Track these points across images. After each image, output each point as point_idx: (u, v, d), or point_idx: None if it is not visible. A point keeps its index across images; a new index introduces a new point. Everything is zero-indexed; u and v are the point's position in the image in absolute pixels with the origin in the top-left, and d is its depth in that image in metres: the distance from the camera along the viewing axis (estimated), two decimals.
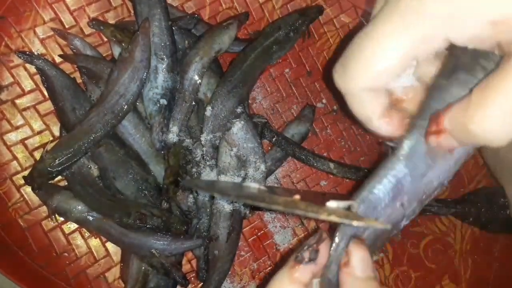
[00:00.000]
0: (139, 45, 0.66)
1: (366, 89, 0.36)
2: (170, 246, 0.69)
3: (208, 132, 0.71)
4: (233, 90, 0.71)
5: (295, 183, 0.81)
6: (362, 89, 0.36)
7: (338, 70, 0.37)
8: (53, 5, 0.71)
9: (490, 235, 0.85)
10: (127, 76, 0.67)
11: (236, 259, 0.77)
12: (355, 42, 0.36)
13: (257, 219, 0.79)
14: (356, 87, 0.36)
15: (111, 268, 0.74)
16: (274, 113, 0.81)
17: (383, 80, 0.35)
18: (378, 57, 0.34)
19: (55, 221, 0.71)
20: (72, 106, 0.69)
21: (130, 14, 0.74)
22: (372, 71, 0.35)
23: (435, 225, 0.85)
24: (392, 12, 0.33)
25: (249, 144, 0.72)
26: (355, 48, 0.36)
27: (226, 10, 0.78)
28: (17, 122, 0.71)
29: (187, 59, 0.71)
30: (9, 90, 0.70)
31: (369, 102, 0.37)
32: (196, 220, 0.73)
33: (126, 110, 0.67)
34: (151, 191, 0.71)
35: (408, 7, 0.32)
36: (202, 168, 0.72)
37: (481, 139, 0.31)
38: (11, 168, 0.71)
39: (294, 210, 0.30)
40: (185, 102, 0.71)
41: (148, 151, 0.72)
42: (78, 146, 0.66)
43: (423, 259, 0.83)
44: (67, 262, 0.72)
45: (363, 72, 0.35)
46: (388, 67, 0.34)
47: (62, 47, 0.72)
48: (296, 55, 0.81)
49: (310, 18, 0.77)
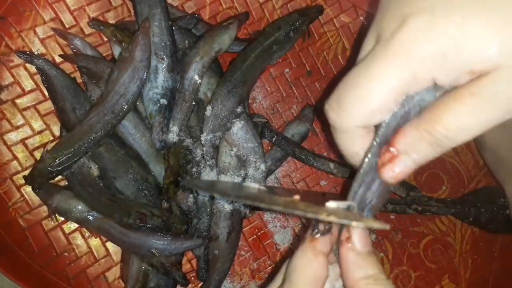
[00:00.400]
0: (139, 45, 0.66)
1: (359, 126, 0.38)
2: (170, 246, 0.69)
3: (208, 132, 0.71)
4: (233, 90, 0.71)
5: (295, 183, 0.81)
6: (356, 126, 0.38)
7: (332, 105, 0.39)
8: (53, 5, 0.71)
9: (490, 235, 0.86)
10: (127, 76, 0.67)
11: (236, 259, 0.77)
12: (349, 79, 0.38)
13: (257, 219, 0.79)
14: (350, 124, 0.39)
15: (111, 268, 0.74)
16: (274, 113, 0.81)
17: (377, 117, 0.38)
18: (372, 96, 0.36)
19: (55, 221, 0.71)
20: (72, 106, 0.69)
21: (130, 14, 0.74)
22: (367, 109, 0.37)
23: (435, 225, 0.85)
24: (384, 52, 0.36)
25: (249, 144, 0.72)
26: (350, 86, 0.38)
27: (226, 10, 0.78)
28: (17, 122, 0.71)
29: (187, 59, 0.71)
30: (9, 90, 0.70)
31: (360, 138, 0.39)
32: (196, 220, 0.73)
33: (126, 110, 0.68)
34: (151, 191, 0.71)
35: (399, 48, 0.35)
36: (202, 168, 0.72)
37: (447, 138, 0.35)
38: (11, 168, 0.71)
39: (294, 210, 0.30)
40: (185, 102, 0.71)
41: (148, 151, 0.72)
42: (78, 146, 0.66)
43: (423, 259, 0.83)
44: (67, 262, 0.72)
45: (358, 110, 0.37)
46: (382, 105, 0.36)
47: (62, 47, 0.72)
48: (296, 55, 0.81)
49: (310, 18, 0.77)
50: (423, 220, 0.84)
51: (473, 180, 0.87)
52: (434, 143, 0.36)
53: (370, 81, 0.36)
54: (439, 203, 0.80)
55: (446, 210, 0.80)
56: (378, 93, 0.36)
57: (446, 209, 0.80)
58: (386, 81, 0.36)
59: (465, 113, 0.35)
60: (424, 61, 0.34)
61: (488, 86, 0.34)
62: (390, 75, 0.35)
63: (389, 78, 0.36)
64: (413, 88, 0.36)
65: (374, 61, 0.37)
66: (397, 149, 0.38)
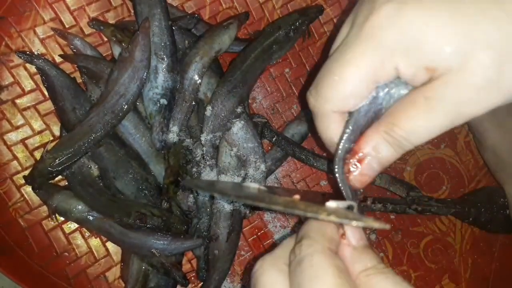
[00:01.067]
0: (139, 45, 0.66)
1: (334, 111, 0.41)
2: (170, 246, 0.69)
3: (208, 132, 0.71)
4: (233, 90, 0.71)
5: (295, 183, 0.81)
6: (331, 110, 0.41)
7: (312, 92, 0.42)
8: (53, 5, 0.71)
9: (490, 235, 0.86)
10: (127, 76, 0.67)
11: (236, 258, 0.77)
12: (325, 67, 0.41)
13: (257, 219, 0.79)
14: (326, 108, 0.41)
15: (112, 268, 0.74)
16: (274, 113, 0.81)
17: (351, 103, 0.40)
18: (345, 81, 0.39)
19: (56, 221, 0.71)
20: (72, 106, 0.69)
21: (130, 14, 0.74)
22: (340, 94, 0.39)
23: (435, 225, 0.85)
24: (355, 38, 0.38)
25: (249, 144, 0.72)
26: (326, 73, 0.40)
27: (226, 10, 0.78)
28: (17, 122, 0.71)
29: (187, 59, 0.71)
30: (9, 90, 0.70)
31: (336, 124, 0.42)
32: (196, 220, 0.73)
33: (126, 110, 0.68)
34: (151, 191, 0.71)
35: (369, 34, 0.37)
36: (202, 168, 0.72)
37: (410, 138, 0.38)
38: (12, 168, 0.71)
39: (294, 210, 0.30)
40: (185, 102, 0.71)
41: (148, 151, 0.72)
42: (78, 146, 0.66)
43: (423, 259, 0.83)
44: (67, 262, 0.72)
45: (333, 95, 0.40)
46: (354, 91, 0.39)
47: (62, 47, 0.72)
48: (296, 55, 0.81)
49: (310, 18, 0.77)
50: (423, 220, 0.84)
51: (473, 180, 0.87)
52: (394, 144, 0.38)
53: (342, 67, 0.38)
54: (439, 203, 0.80)
55: (446, 210, 0.80)
56: (350, 79, 0.38)
57: (446, 209, 0.80)
58: (357, 67, 0.38)
59: (419, 116, 0.37)
60: (389, 49, 0.36)
61: (439, 90, 0.35)
62: (360, 61, 0.37)
63: (359, 64, 0.37)
64: (381, 77, 0.38)
65: (346, 47, 0.39)
66: (362, 153, 0.40)
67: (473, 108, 0.36)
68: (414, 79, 0.37)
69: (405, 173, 0.84)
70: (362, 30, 0.37)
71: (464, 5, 0.34)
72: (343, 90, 0.39)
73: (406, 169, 0.84)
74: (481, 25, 0.34)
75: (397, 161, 0.83)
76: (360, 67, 0.37)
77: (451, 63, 0.34)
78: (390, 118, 0.38)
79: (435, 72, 0.35)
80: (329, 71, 0.40)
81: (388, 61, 0.36)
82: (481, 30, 0.34)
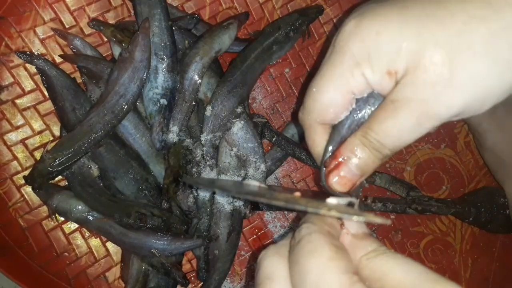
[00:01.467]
0: (139, 45, 0.66)
1: (317, 122, 0.44)
2: (170, 246, 0.69)
3: (208, 132, 0.71)
4: (233, 90, 0.71)
5: (295, 183, 0.81)
6: (314, 121, 0.44)
7: (301, 108, 0.46)
8: (53, 5, 0.71)
9: (490, 235, 0.86)
10: (127, 76, 0.67)
11: (236, 259, 0.77)
12: (309, 87, 0.44)
13: (257, 219, 0.79)
14: (310, 120, 0.45)
15: (112, 268, 0.74)
16: (274, 113, 0.81)
17: (330, 112, 0.43)
18: (322, 93, 0.43)
19: (56, 221, 0.71)
20: (72, 106, 0.69)
21: (130, 14, 0.74)
22: (319, 104, 0.43)
23: (435, 225, 0.85)
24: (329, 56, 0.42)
25: (249, 144, 0.72)
26: (310, 88, 0.44)
27: (226, 10, 0.78)
28: (18, 122, 0.71)
29: (187, 59, 0.71)
30: (9, 90, 0.70)
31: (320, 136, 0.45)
32: (196, 220, 0.73)
33: (126, 110, 0.68)
34: (151, 191, 0.71)
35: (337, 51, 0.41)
36: (202, 168, 0.72)
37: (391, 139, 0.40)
38: (12, 168, 0.71)
39: (295, 205, 0.30)
40: (185, 102, 0.71)
41: (148, 151, 0.72)
42: (78, 146, 0.66)
43: (423, 259, 0.83)
44: (67, 262, 0.72)
45: (314, 106, 0.43)
46: (331, 100, 0.42)
47: (62, 47, 0.72)
48: (296, 55, 0.81)
49: (310, 18, 0.77)
50: (423, 220, 0.84)
51: (473, 180, 0.87)
52: (370, 146, 0.40)
53: (319, 80, 0.43)
54: (439, 203, 0.80)
55: (446, 210, 0.80)
56: (325, 90, 0.42)
57: (446, 209, 0.80)
58: (330, 78, 0.42)
59: (387, 119, 0.39)
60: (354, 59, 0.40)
61: (401, 92, 0.38)
62: (333, 73, 0.42)
63: (332, 75, 0.42)
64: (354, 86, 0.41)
65: (323, 64, 0.43)
66: (341, 157, 0.41)
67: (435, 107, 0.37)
68: (382, 86, 0.40)
69: (405, 173, 0.84)
70: (334, 47, 0.42)
71: (412, 11, 0.38)
72: (321, 100, 0.43)
73: (406, 169, 0.84)
74: (428, 26, 0.37)
75: (397, 161, 0.83)
76: (333, 78, 0.41)
77: (407, 64, 0.37)
78: (366, 124, 0.41)
79: (397, 75, 0.38)
80: (310, 86, 0.44)
81: (355, 70, 0.40)
82: (428, 30, 0.37)
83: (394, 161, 0.84)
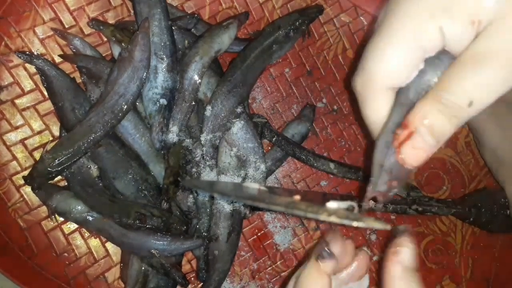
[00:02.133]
0: (138, 44, 0.66)
1: (383, 88, 0.39)
2: (170, 246, 0.68)
3: (208, 132, 0.71)
4: (233, 90, 0.71)
5: (295, 183, 0.81)
6: (380, 88, 0.39)
7: (359, 73, 0.40)
8: (53, 5, 0.71)
9: (491, 235, 0.85)
10: (127, 76, 0.67)
11: (236, 259, 0.77)
12: (370, 45, 0.39)
13: (257, 219, 0.79)
14: (374, 86, 0.39)
15: (111, 269, 0.74)
16: (274, 113, 0.81)
17: (400, 76, 0.38)
18: (391, 54, 0.37)
19: (55, 221, 0.71)
20: (72, 106, 0.69)
21: (130, 14, 0.74)
22: (388, 67, 0.37)
23: (435, 225, 0.84)
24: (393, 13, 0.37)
25: (249, 144, 0.72)
26: (371, 50, 0.39)
27: (226, 10, 0.78)
28: (17, 122, 0.71)
29: (187, 59, 0.71)
30: (9, 90, 0.70)
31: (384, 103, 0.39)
32: (196, 220, 0.73)
33: (125, 110, 0.67)
34: (151, 191, 0.71)
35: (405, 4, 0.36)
36: (202, 168, 0.72)
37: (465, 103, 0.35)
38: (11, 168, 0.71)
39: (294, 210, 0.30)
40: (185, 102, 0.71)
41: (148, 151, 0.72)
42: (78, 146, 0.66)
43: (424, 259, 0.83)
44: (67, 262, 0.72)
45: (380, 70, 0.38)
46: (401, 62, 0.37)
47: (62, 47, 0.72)
48: (296, 55, 0.81)
49: (310, 17, 0.77)
50: (423, 220, 0.84)
51: (473, 180, 0.87)
52: (446, 112, 0.35)
53: (387, 41, 0.37)
54: (440, 203, 0.80)
55: (446, 211, 0.80)
56: (396, 50, 0.37)
57: (446, 210, 0.80)
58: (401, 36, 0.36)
59: (467, 76, 0.34)
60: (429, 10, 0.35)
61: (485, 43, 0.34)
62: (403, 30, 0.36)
63: (403, 33, 0.36)
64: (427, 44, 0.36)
65: (386, 21, 0.37)
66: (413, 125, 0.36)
67: None
68: (461, 40, 0.35)
69: None
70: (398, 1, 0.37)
71: None
72: (390, 63, 0.37)
73: None
74: None
75: None
76: (403, 33, 0.36)
77: (494, 11, 0.33)
78: (439, 83, 0.36)
79: (480, 25, 0.34)
80: (374, 46, 0.38)
81: (431, 23, 0.35)
82: None
83: None
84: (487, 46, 0.34)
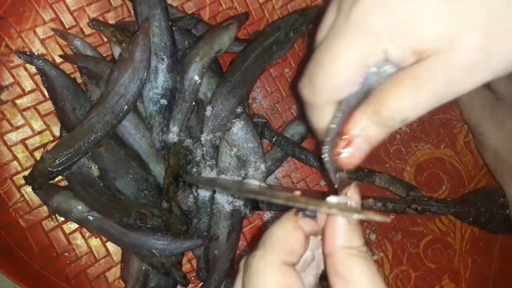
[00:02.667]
0: (139, 45, 0.67)
1: (329, 102, 0.41)
2: (170, 246, 0.69)
3: (208, 132, 0.71)
4: (233, 90, 0.71)
5: (295, 183, 0.81)
6: (326, 101, 0.41)
7: (306, 84, 0.42)
8: (53, 5, 0.71)
9: (490, 235, 0.86)
10: (127, 76, 0.67)
11: (236, 259, 0.77)
12: (317, 56, 0.40)
13: (257, 219, 0.79)
14: (321, 100, 0.41)
15: (112, 268, 0.74)
16: (274, 113, 0.81)
17: (345, 91, 0.39)
18: (337, 72, 0.38)
19: (56, 221, 0.71)
20: (72, 106, 0.69)
21: (130, 14, 0.74)
22: (334, 84, 0.39)
23: (435, 225, 0.85)
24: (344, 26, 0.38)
25: (249, 144, 0.72)
26: (318, 63, 0.40)
27: (226, 10, 0.78)
28: (18, 122, 0.71)
29: (187, 59, 0.71)
30: (10, 90, 0.70)
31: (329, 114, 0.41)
32: (196, 220, 0.73)
33: (126, 110, 0.68)
34: (151, 191, 0.71)
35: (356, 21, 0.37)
36: (202, 168, 0.72)
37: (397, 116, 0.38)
38: (12, 168, 0.71)
39: (295, 203, 0.31)
40: (185, 102, 0.71)
41: (148, 151, 0.72)
42: (78, 146, 0.66)
43: (423, 259, 0.83)
44: (67, 262, 0.72)
45: (327, 86, 0.40)
46: (348, 79, 0.38)
47: (62, 47, 0.72)
48: (296, 55, 0.81)
49: (310, 18, 0.77)
50: (423, 220, 0.84)
51: (473, 180, 0.87)
52: (381, 124, 0.38)
53: (334, 57, 0.38)
54: (439, 203, 0.80)
55: (446, 210, 0.80)
56: (342, 68, 0.38)
57: (446, 209, 0.80)
58: (349, 55, 0.37)
59: (406, 96, 0.36)
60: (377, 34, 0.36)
61: (426, 70, 0.35)
62: (351, 50, 0.37)
63: (350, 52, 0.37)
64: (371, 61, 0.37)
65: (335, 36, 0.38)
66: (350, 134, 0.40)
67: (461, 87, 0.36)
68: (403, 62, 0.36)
69: (405, 173, 0.84)
70: (349, 17, 0.37)
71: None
72: (337, 80, 0.39)
73: (406, 169, 0.84)
74: (467, 6, 0.33)
75: (397, 161, 0.83)
76: (352, 55, 0.37)
77: (439, 45, 0.34)
78: (377, 98, 0.38)
79: (423, 54, 0.35)
80: (321, 62, 0.40)
81: (377, 46, 0.36)
82: (468, 11, 0.33)
83: (394, 161, 0.84)
84: (427, 74, 0.35)
